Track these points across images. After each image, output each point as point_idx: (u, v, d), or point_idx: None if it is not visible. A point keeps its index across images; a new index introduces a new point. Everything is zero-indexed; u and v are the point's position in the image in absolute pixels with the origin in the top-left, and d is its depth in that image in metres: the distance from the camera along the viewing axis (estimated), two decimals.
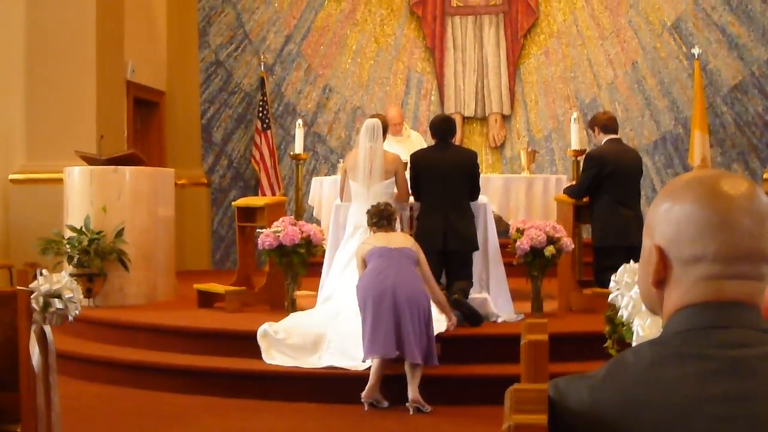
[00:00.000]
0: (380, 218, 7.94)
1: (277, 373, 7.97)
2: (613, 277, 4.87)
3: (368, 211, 8.10)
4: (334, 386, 7.82)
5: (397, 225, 8.37)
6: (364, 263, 7.75)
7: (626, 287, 4.69)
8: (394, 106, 12.72)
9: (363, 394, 7.43)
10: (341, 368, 7.85)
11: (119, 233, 10.05)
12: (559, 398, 1.70)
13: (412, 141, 11.08)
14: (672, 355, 1.64)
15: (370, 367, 7.55)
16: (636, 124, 14.05)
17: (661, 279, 1.75)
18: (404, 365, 7.42)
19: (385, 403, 7.50)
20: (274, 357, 8.13)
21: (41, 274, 5.50)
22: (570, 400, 1.69)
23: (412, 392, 7.37)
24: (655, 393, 1.61)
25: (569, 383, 1.71)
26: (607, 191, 9.37)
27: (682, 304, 1.71)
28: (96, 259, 9.94)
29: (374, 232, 7.97)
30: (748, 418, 1.58)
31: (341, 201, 9.19)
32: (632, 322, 4.52)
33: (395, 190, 8.88)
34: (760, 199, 1.72)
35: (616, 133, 9.73)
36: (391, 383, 7.49)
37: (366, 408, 7.48)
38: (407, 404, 7.38)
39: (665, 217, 1.75)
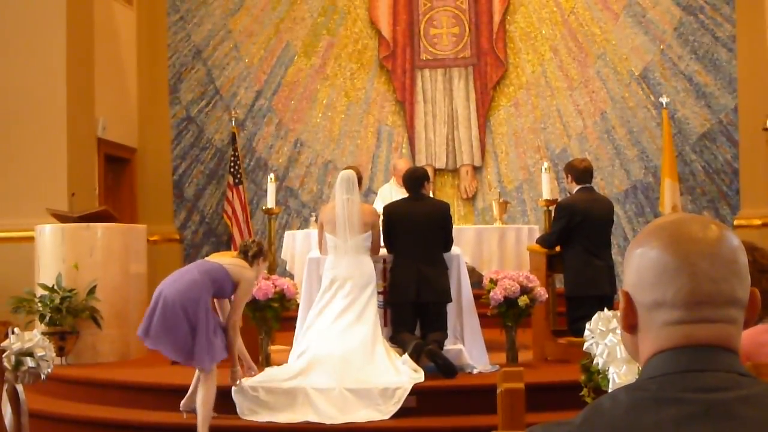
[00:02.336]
0: None
1: (253, 429, 7.90)
2: (587, 326, 4.88)
3: None
4: None
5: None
6: None
7: (600, 335, 4.70)
8: (403, 159, 12.97)
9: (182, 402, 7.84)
10: (317, 423, 7.80)
11: (91, 291, 10.00)
12: None
13: None
14: (648, 399, 1.64)
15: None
16: (606, 173, 14.13)
17: (630, 324, 1.76)
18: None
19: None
20: (249, 412, 8.07)
21: (13, 333, 5.46)
22: None
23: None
24: None
25: (546, 430, 1.71)
26: (578, 241, 9.37)
27: (655, 349, 1.72)
28: (68, 316, 9.88)
29: None
30: None
31: (320, 254, 9.12)
32: (608, 370, 4.53)
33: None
34: (725, 243, 1.72)
35: (590, 183, 9.73)
36: None
37: (184, 416, 7.81)
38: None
39: (631, 262, 1.76)
